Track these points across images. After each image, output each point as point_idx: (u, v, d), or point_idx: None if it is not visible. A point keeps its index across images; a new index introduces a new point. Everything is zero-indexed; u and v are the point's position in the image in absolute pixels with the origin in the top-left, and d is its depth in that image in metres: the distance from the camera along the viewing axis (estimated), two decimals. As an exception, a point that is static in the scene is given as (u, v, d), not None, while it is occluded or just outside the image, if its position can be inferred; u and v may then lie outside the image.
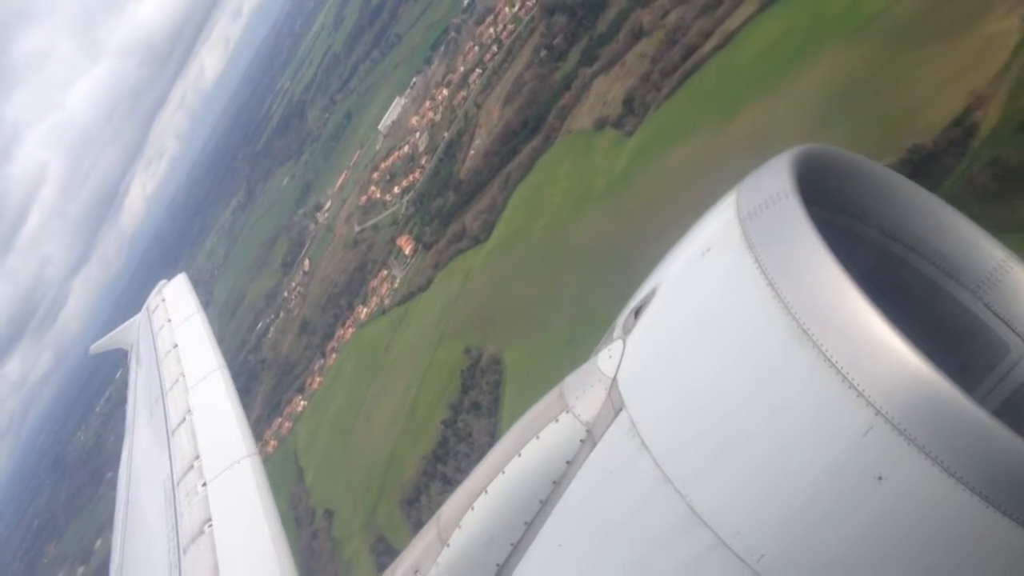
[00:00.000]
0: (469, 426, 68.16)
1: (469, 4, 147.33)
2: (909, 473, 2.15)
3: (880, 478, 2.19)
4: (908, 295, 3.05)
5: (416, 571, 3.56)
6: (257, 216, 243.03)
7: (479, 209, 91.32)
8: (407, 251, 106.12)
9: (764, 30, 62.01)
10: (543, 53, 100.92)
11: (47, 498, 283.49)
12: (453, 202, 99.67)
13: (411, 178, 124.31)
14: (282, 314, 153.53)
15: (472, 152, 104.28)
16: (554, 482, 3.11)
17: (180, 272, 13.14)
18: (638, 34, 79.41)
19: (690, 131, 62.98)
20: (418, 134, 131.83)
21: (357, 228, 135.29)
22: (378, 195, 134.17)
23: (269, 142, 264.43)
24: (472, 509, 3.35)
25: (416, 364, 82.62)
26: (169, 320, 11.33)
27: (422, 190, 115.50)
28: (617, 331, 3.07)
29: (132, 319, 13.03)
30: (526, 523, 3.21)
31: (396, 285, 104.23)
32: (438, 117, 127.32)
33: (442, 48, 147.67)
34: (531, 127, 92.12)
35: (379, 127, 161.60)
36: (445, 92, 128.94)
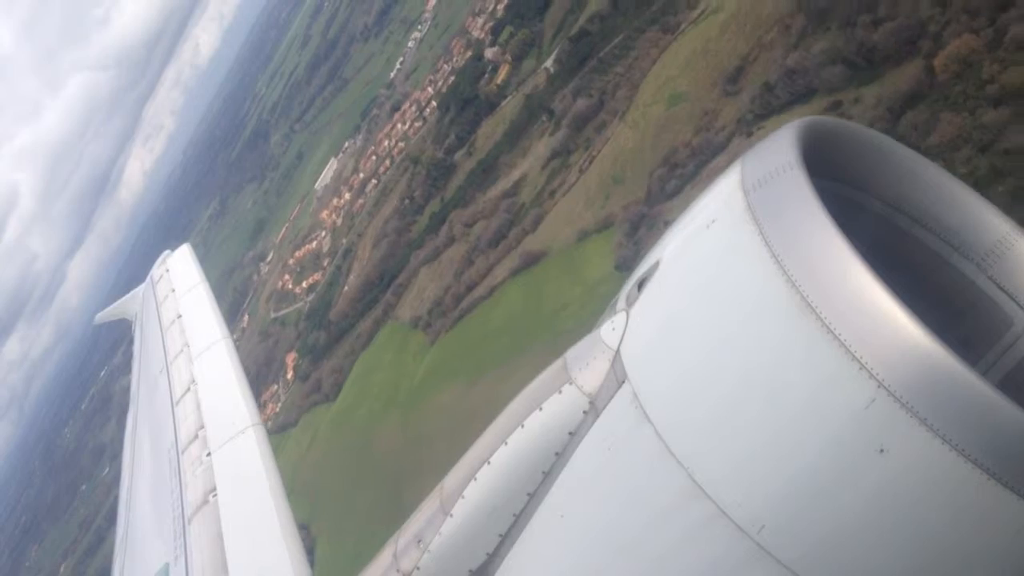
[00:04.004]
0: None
1: (391, 82, 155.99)
2: (911, 446, 2.15)
3: (882, 450, 2.17)
4: (912, 267, 3.01)
5: (419, 541, 3.58)
6: (224, 235, 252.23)
7: (333, 366, 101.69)
8: (290, 374, 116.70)
9: (510, 299, 71.62)
10: (406, 202, 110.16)
11: (36, 492, 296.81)
12: (323, 342, 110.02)
13: (315, 277, 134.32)
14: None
15: (346, 288, 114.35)
16: (557, 453, 3.12)
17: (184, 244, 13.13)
18: (451, 238, 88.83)
19: (452, 377, 73.13)
20: (324, 233, 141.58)
21: (272, 314, 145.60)
22: (290, 285, 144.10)
23: (242, 154, 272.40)
24: (475, 480, 3.36)
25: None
26: (173, 290, 11.21)
27: (314, 305, 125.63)
28: (620, 303, 3.04)
29: (136, 289, 12.95)
30: (529, 494, 3.24)
31: (278, 409, 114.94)
32: (339, 222, 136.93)
33: (365, 124, 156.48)
34: (385, 283, 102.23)
35: (316, 186, 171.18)
36: (347, 196, 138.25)
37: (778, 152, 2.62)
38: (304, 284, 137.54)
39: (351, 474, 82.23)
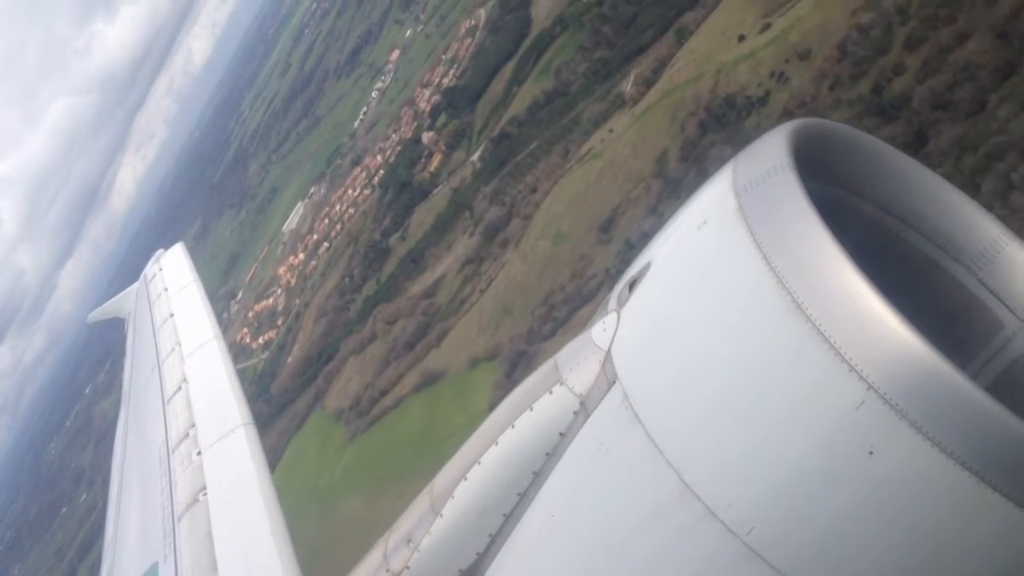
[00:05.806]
0: None
1: (355, 131, 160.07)
2: (900, 448, 2.15)
3: (871, 452, 2.17)
4: (903, 270, 3.01)
5: (409, 541, 3.59)
6: (202, 262, 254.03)
7: (269, 444, 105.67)
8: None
9: (412, 414, 76.06)
10: (346, 280, 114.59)
11: (21, 507, 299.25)
12: (265, 415, 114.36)
13: (269, 335, 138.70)
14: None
15: (290, 360, 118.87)
16: (547, 454, 3.13)
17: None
18: (373, 334, 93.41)
19: (360, 483, 77.47)
20: (279, 291, 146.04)
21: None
22: (248, 339, 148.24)
23: (224, 177, 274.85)
24: (466, 479, 3.37)
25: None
26: (166, 289, 11.28)
27: (266, 365, 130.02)
28: (612, 303, 3.05)
29: (129, 288, 13.07)
30: (519, 494, 3.24)
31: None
32: (293, 281, 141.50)
33: (328, 172, 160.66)
34: (321, 363, 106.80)
35: (284, 228, 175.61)
36: (302, 256, 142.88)
37: (770, 154, 2.64)
38: (261, 340, 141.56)
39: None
